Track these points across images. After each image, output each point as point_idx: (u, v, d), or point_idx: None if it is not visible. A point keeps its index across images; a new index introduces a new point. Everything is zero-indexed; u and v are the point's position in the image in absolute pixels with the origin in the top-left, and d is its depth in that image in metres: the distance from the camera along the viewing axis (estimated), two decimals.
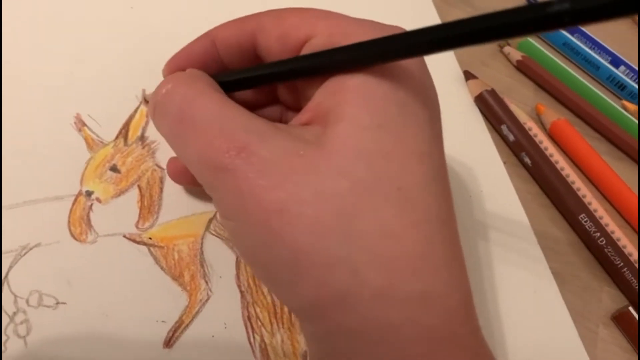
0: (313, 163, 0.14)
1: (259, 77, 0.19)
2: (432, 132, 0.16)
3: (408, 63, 0.16)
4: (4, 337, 0.21)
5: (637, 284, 0.27)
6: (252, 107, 0.22)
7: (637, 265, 0.27)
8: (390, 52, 0.15)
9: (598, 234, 0.28)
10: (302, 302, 0.15)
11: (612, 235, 0.28)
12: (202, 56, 0.20)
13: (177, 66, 0.21)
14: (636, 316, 0.26)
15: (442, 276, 0.14)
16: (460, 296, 0.15)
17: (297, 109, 0.20)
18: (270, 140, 0.15)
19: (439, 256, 0.15)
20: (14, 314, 0.21)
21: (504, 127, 0.32)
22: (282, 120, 0.23)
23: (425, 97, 0.17)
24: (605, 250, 0.28)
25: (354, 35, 0.16)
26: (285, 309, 0.23)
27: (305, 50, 0.17)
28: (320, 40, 0.17)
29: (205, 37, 0.20)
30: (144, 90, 0.27)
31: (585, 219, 0.28)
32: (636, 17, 0.43)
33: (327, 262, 0.14)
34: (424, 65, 0.17)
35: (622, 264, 0.27)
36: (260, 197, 0.14)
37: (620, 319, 0.27)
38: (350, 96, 0.15)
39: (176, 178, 0.24)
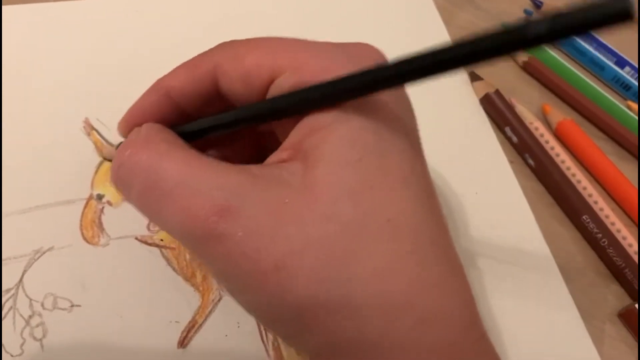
0: (299, 211, 0.15)
1: (227, 124, 0.19)
2: (413, 153, 0.17)
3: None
4: (20, 340, 0.23)
5: (638, 284, 0.29)
6: (226, 140, 0.22)
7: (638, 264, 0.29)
8: (362, 88, 0.15)
9: (600, 235, 0.30)
10: (310, 349, 0.16)
11: (619, 234, 0.30)
12: (158, 109, 0.20)
13: (133, 123, 0.20)
14: None
15: (439, 297, 0.15)
16: (462, 310, 0.16)
17: (272, 133, 0.21)
18: (250, 194, 0.15)
19: (434, 278, 0.15)
20: (30, 317, 0.23)
21: (507, 129, 0.34)
22: (259, 144, 0.23)
23: (401, 119, 0.17)
24: (607, 251, 0.30)
25: (319, 68, 0.16)
26: None
27: (273, 91, 0.17)
28: (289, 80, 0.17)
29: (155, 90, 0.20)
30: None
31: (588, 220, 0.30)
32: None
33: (329, 310, 0.15)
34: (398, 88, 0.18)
35: (623, 264, 0.29)
36: (254, 259, 0.15)
37: (626, 316, 0.28)
38: (325, 134, 0.16)
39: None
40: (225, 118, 0.19)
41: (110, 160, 0.27)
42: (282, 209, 0.15)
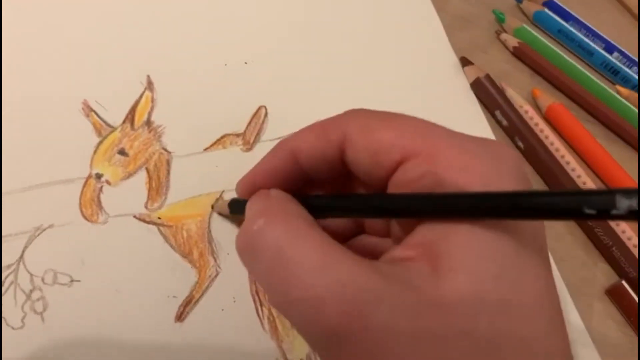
0: (434, 326, 0.14)
1: (356, 210, 0.18)
2: (545, 271, 0.16)
3: None
4: (21, 314, 0.24)
5: (626, 262, 0.30)
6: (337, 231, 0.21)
7: (626, 242, 0.30)
8: (521, 211, 0.14)
9: None
10: None
11: None
12: (282, 171, 0.20)
13: (255, 184, 0.20)
14: (629, 290, 0.29)
15: None
16: None
17: (383, 233, 0.20)
18: (387, 300, 0.14)
19: None
20: (31, 291, 0.24)
21: (497, 113, 0.35)
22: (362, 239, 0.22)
23: (535, 231, 0.16)
24: (595, 230, 0.31)
25: (458, 165, 0.16)
26: None
27: (402, 175, 0.17)
28: (421, 167, 0.16)
29: (280, 151, 0.20)
30: (148, 77, 0.29)
31: None
32: (635, 11, 0.46)
33: None
34: None
35: (610, 242, 0.30)
36: None
37: (613, 293, 0.29)
38: (463, 241, 0.15)
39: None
40: (355, 202, 0.18)
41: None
42: (416, 323, 0.14)
